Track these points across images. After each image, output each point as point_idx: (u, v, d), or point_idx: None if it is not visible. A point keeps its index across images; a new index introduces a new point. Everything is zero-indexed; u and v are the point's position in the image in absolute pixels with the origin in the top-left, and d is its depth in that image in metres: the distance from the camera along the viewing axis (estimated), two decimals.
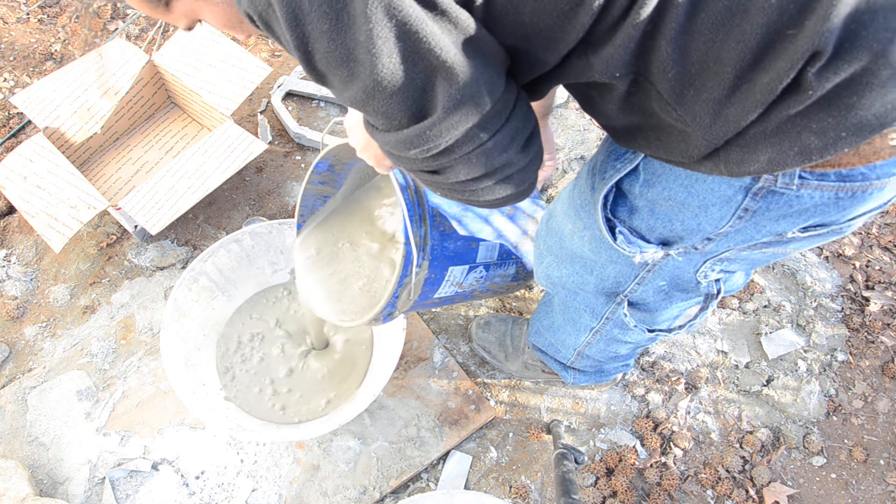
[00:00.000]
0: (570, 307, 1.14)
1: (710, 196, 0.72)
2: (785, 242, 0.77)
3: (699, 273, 0.89)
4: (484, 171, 0.66)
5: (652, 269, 0.91)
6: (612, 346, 1.19)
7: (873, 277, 1.69)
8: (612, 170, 0.80)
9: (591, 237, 0.91)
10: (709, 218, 0.75)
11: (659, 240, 0.83)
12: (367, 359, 1.52)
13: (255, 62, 1.79)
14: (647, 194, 0.78)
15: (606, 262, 0.94)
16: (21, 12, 2.30)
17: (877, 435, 1.51)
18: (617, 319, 1.08)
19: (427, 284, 1.10)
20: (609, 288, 1.00)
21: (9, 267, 1.79)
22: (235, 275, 1.58)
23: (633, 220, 0.83)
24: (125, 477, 1.46)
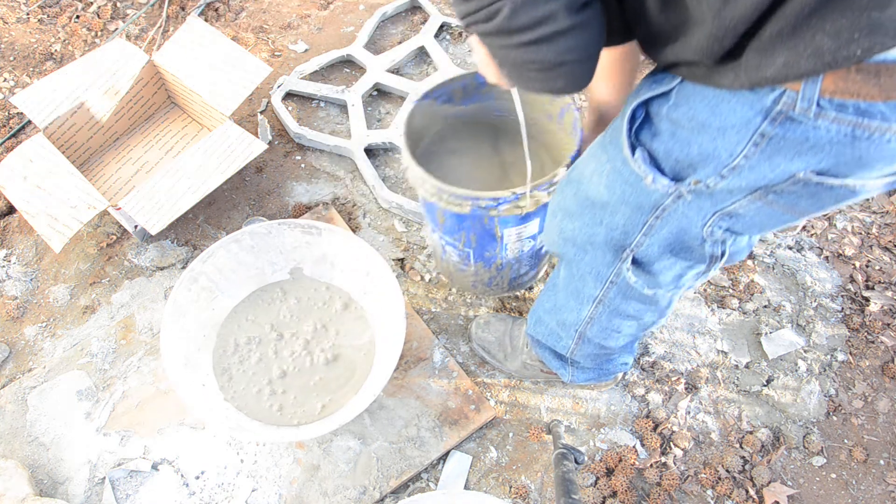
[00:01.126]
0: (575, 276, 1.14)
1: (731, 116, 0.73)
2: (796, 195, 0.77)
3: (706, 228, 0.89)
4: (525, 20, 0.70)
5: (660, 216, 0.91)
6: (614, 322, 1.18)
7: (873, 277, 1.69)
8: (646, 89, 0.81)
9: (611, 170, 0.91)
10: (726, 142, 0.75)
11: (673, 171, 0.84)
12: (367, 366, 1.52)
13: (255, 62, 1.79)
14: (673, 115, 0.79)
15: (618, 203, 0.93)
16: (21, 12, 2.30)
17: (877, 435, 1.51)
18: (621, 283, 1.07)
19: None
20: (617, 240, 1.00)
21: (9, 267, 1.79)
22: (235, 275, 1.58)
23: (654, 143, 0.83)
24: (125, 477, 1.46)
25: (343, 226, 1.77)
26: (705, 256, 0.96)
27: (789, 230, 1.75)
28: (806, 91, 0.66)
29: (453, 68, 2.03)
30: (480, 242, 1.41)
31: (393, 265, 1.75)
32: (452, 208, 1.28)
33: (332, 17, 2.28)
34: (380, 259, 1.49)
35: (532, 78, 0.79)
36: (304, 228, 1.56)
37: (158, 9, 2.31)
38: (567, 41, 0.72)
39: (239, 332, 1.57)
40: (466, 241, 1.41)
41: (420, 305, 1.69)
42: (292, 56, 2.18)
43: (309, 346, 1.55)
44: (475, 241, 1.40)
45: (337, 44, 2.19)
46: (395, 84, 2.02)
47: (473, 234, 1.38)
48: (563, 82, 0.79)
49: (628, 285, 1.06)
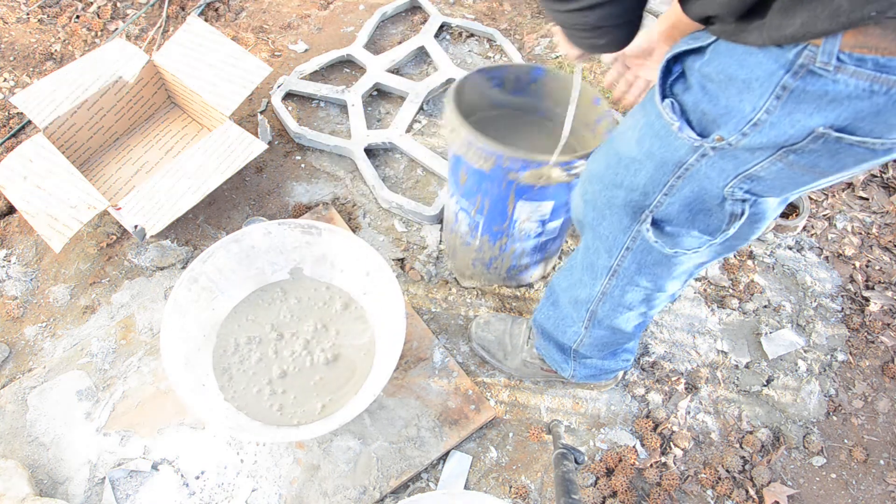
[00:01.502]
0: (591, 248, 1.16)
1: (757, 69, 0.76)
2: (816, 154, 0.79)
3: (727, 188, 0.91)
4: None
5: (682, 175, 0.94)
6: (627, 296, 1.18)
7: (873, 277, 1.69)
8: (683, 43, 0.87)
9: (644, 124, 0.96)
10: (750, 95, 0.78)
11: (700, 125, 0.87)
12: (367, 366, 1.52)
13: (255, 62, 1.79)
14: (705, 70, 0.83)
15: (644, 158, 0.97)
16: (21, 12, 2.30)
17: (877, 435, 1.51)
18: (637, 248, 1.09)
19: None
20: (636, 201, 1.02)
21: (9, 267, 1.79)
22: (235, 275, 1.58)
23: (685, 95, 0.87)
24: (125, 477, 1.46)
25: (343, 226, 1.77)
26: (725, 216, 0.98)
27: (789, 230, 1.75)
28: (826, 45, 0.69)
29: (453, 68, 2.03)
30: (492, 211, 1.43)
31: (393, 265, 1.75)
32: (476, 163, 1.31)
33: (332, 17, 2.28)
34: (380, 259, 1.49)
35: (582, 37, 0.90)
36: (304, 228, 1.56)
37: (158, 9, 2.31)
38: (605, 9, 0.82)
39: (239, 332, 1.57)
40: (480, 206, 1.43)
41: (420, 305, 1.69)
42: (292, 56, 2.18)
43: (309, 346, 1.55)
44: (488, 207, 1.42)
45: (337, 44, 2.19)
46: (395, 84, 2.02)
47: (488, 200, 1.40)
48: (605, 41, 0.90)
49: (646, 249, 1.08)
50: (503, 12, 2.25)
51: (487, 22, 2.22)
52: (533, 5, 2.27)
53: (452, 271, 1.72)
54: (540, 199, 1.37)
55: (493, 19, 2.23)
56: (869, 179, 1.84)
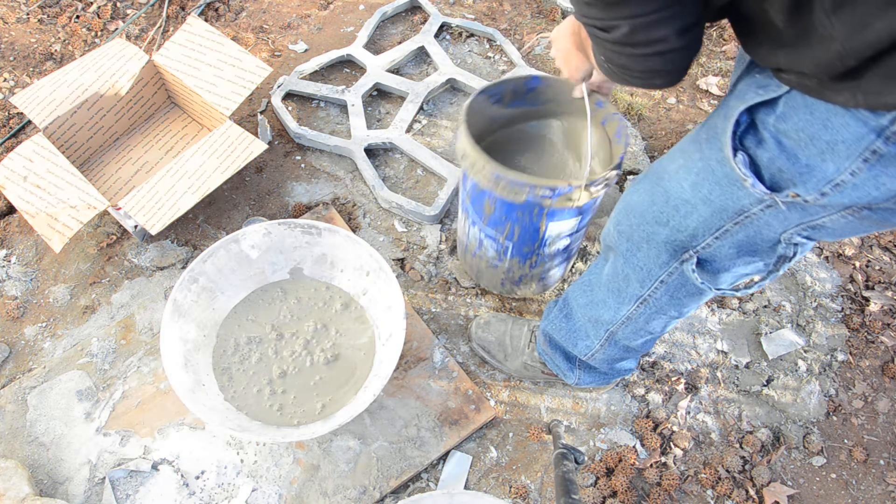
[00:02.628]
0: (620, 274, 1.13)
1: (843, 131, 0.72)
2: (892, 212, 0.77)
3: (785, 234, 0.89)
4: (641, 39, 0.75)
5: (741, 222, 0.91)
6: (652, 323, 1.17)
7: (873, 277, 1.69)
8: (753, 94, 0.82)
9: (703, 168, 0.92)
10: (835, 156, 0.74)
11: (772, 180, 0.83)
12: (367, 366, 1.52)
13: (255, 62, 1.79)
14: (780, 126, 0.79)
15: (700, 203, 0.93)
16: (21, 12, 2.30)
17: (877, 435, 1.51)
18: (673, 283, 1.06)
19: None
20: (681, 241, 0.99)
21: (9, 267, 1.79)
22: (235, 275, 1.58)
23: (759, 150, 0.83)
24: (125, 477, 1.46)
25: (343, 226, 1.77)
26: (774, 258, 0.95)
27: None
28: None
29: (453, 68, 2.03)
30: (522, 236, 1.43)
31: (393, 265, 1.75)
32: (508, 196, 1.30)
33: (332, 17, 2.28)
34: (380, 259, 1.49)
35: (633, 77, 0.85)
36: (304, 228, 1.56)
37: (158, 9, 2.31)
38: (673, 56, 0.79)
39: (239, 332, 1.57)
40: (510, 233, 1.43)
41: (420, 305, 1.69)
42: (292, 56, 2.18)
43: (309, 346, 1.55)
44: (518, 233, 1.42)
45: (337, 44, 2.19)
46: (395, 84, 2.02)
47: (518, 227, 1.40)
48: (661, 82, 0.85)
49: (682, 284, 1.06)
50: (503, 12, 2.25)
51: (487, 22, 2.22)
52: (533, 5, 2.27)
53: (453, 288, 1.72)
54: (570, 216, 1.38)
55: (493, 19, 2.23)
56: None
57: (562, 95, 1.46)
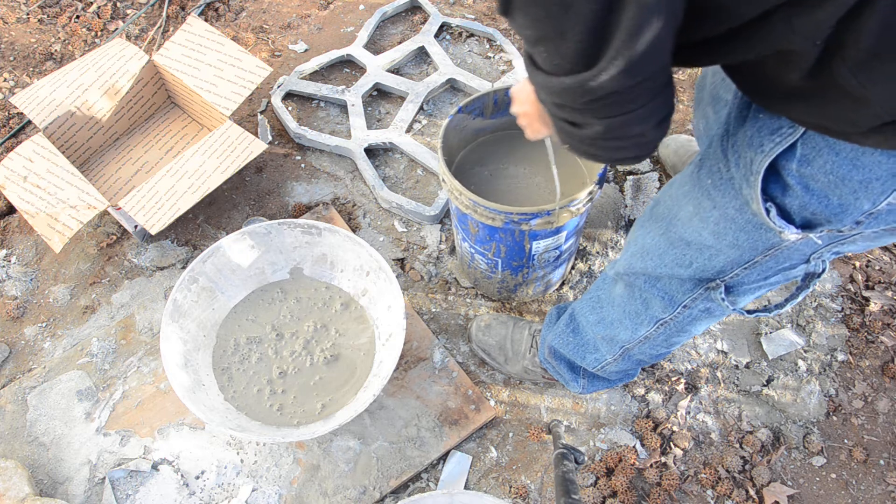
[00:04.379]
0: (638, 299, 1.10)
1: (877, 169, 0.69)
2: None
3: (814, 255, 0.86)
4: (616, 135, 0.70)
5: (771, 255, 0.88)
6: (671, 340, 1.14)
7: (873, 277, 1.69)
8: (768, 142, 0.76)
9: (721, 217, 0.88)
10: (869, 193, 0.71)
11: (804, 221, 0.80)
12: (367, 366, 1.52)
13: (255, 62, 1.79)
14: (804, 171, 0.75)
15: (726, 247, 0.90)
16: (21, 12, 2.30)
17: (877, 435, 1.51)
18: (697, 308, 1.03)
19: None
20: (707, 275, 0.96)
21: (9, 267, 1.79)
22: (235, 275, 1.58)
23: (786, 198, 0.79)
24: (125, 477, 1.46)
25: (343, 226, 1.77)
26: (801, 274, 0.93)
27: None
28: None
29: (453, 68, 2.03)
30: (509, 253, 1.45)
31: (393, 265, 1.75)
32: (486, 221, 1.32)
33: (332, 17, 2.28)
34: (380, 259, 1.49)
35: (599, 159, 0.79)
36: (304, 228, 1.56)
37: (158, 9, 2.31)
38: (649, 146, 0.74)
39: (239, 332, 1.57)
40: (496, 250, 1.45)
41: (420, 305, 1.69)
42: (292, 56, 2.18)
43: (309, 345, 1.55)
44: (504, 251, 1.44)
45: (337, 44, 2.19)
46: (395, 84, 2.02)
47: (503, 246, 1.42)
48: (631, 161, 0.79)
49: (708, 309, 1.03)
50: None
51: (487, 22, 2.22)
52: None
53: (453, 288, 1.73)
54: (555, 234, 1.38)
55: (493, 19, 2.23)
56: None
57: None
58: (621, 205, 1.80)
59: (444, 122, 1.41)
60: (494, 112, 1.49)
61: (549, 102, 0.70)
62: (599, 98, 0.63)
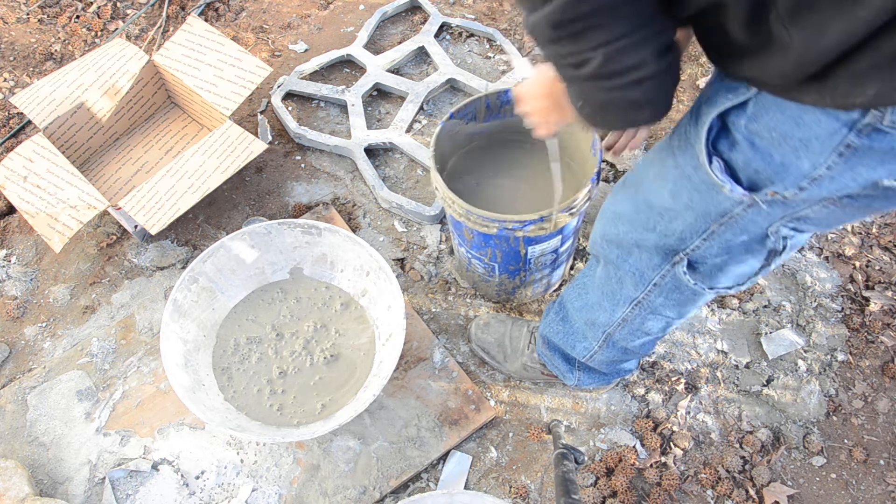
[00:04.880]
0: (613, 277, 1.13)
1: (816, 128, 0.72)
2: (871, 198, 0.77)
3: (771, 228, 0.89)
4: (617, 68, 0.73)
5: (726, 223, 0.90)
6: (647, 324, 1.17)
7: (873, 277, 1.69)
8: (723, 99, 0.80)
9: (679, 176, 0.91)
10: (809, 153, 0.74)
11: (749, 181, 0.83)
12: (367, 366, 1.52)
13: (255, 62, 1.79)
14: (752, 127, 0.78)
15: (682, 209, 0.93)
16: (21, 12, 2.30)
17: (877, 435, 1.51)
18: (666, 285, 1.06)
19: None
20: (670, 245, 0.99)
21: (9, 267, 1.79)
22: (235, 275, 1.58)
23: (732, 153, 0.82)
24: (125, 477, 1.46)
25: (343, 226, 1.77)
26: (765, 253, 0.96)
27: None
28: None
29: (453, 68, 2.03)
30: (505, 258, 1.45)
31: (393, 265, 1.75)
32: (480, 228, 1.33)
33: (332, 17, 2.28)
34: (380, 259, 1.49)
35: (617, 116, 0.82)
36: (304, 228, 1.56)
37: (158, 9, 2.31)
38: (653, 84, 0.76)
39: (239, 332, 1.57)
40: (492, 256, 1.45)
41: (420, 305, 1.69)
42: (292, 56, 2.18)
43: (309, 345, 1.55)
44: (500, 256, 1.45)
45: (337, 44, 2.19)
46: (395, 84, 2.02)
47: (499, 251, 1.43)
48: (646, 115, 0.82)
49: (676, 287, 1.06)
50: (503, 12, 2.25)
51: (487, 22, 2.22)
52: None
53: (452, 288, 1.73)
54: (549, 238, 1.39)
55: (493, 19, 2.23)
56: None
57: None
58: None
59: (436, 130, 1.41)
60: (487, 116, 1.49)
61: (547, 39, 0.73)
62: (573, 20, 0.69)
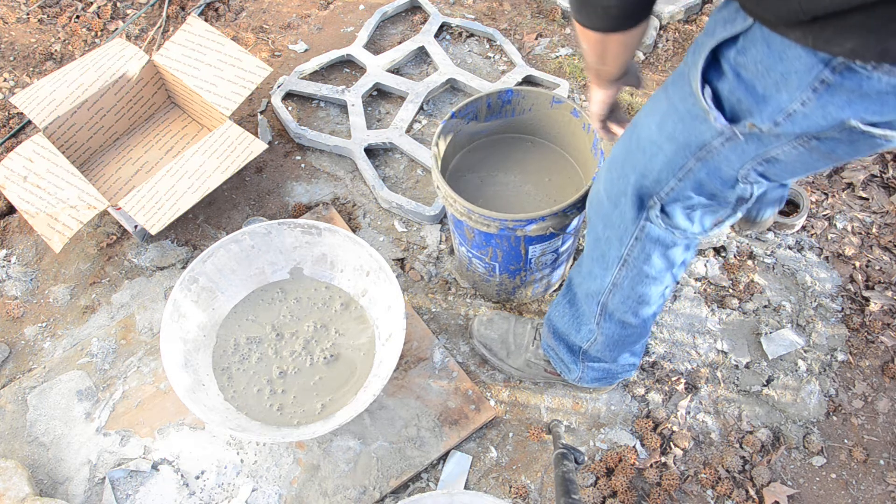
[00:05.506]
0: (602, 239, 1.17)
1: (796, 63, 0.78)
2: (837, 142, 0.83)
3: (742, 170, 0.94)
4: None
5: (702, 158, 0.96)
6: (637, 288, 1.20)
7: (873, 277, 1.69)
8: (720, 30, 0.86)
9: (667, 108, 0.97)
10: (787, 87, 0.80)
11: (732, 111, 0.89)
12: (367, 366, 1.52)
13: (255, 62, 1.79)
14: (739, 59, 0.84)
15: (665, 141, 0.98)
16: (21, 12, 2.30)
17: (877, 435, 1.51)
18: (645, 238, 1.10)
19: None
20: (647, 188, 1.04)
21: (9, 267, 1.79)
22: (235, 275, 1.58)
23: (719, 83, 0.89)
24: (125, 477, 1.46)
25: (343, 226, 1.77)
26: (733, 199, 1.01)
27: (788, 228, 1.75)
28: None
29: (453, 68, 2.03)
30: (506, 258, 1.45)
31: (393, 265, 1.75)
32: (481, 227, 1.33)
33: (332, 17, 2.28)
34: (380, 259, 1.49)
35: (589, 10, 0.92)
36: (304, 228, 1.56)
37: (158, 9, 2.31)
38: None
39: (239, 332, 1.57)
40: (493, 255, 1.46)
41: (420, 305, 1.69)
42: (292, 56, 2.18)
43: (309, 345, 1.55)
44: (501, 256, 1.45)
45: (337, 44, 2.19)
46: (395, 84, 2.02)
47: (500, 251, 1.43)
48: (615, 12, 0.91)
49: (652, 238, 1.10)
50: (503, 12, 2.25)
51: (487, 22, 2.22)
52: (533, 5, 2.27)
53: (453, 288, 1.73)
54: (550, 238, 1.39)
55: (493, 19, 2.23)
56: (869, 179, 1.84)
57: (540, 106, 1.48)
58: None
59: (438, 128, 1.41)
60: (489, 115, 1.49)
61: None
62: None
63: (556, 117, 1.48)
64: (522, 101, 1.47)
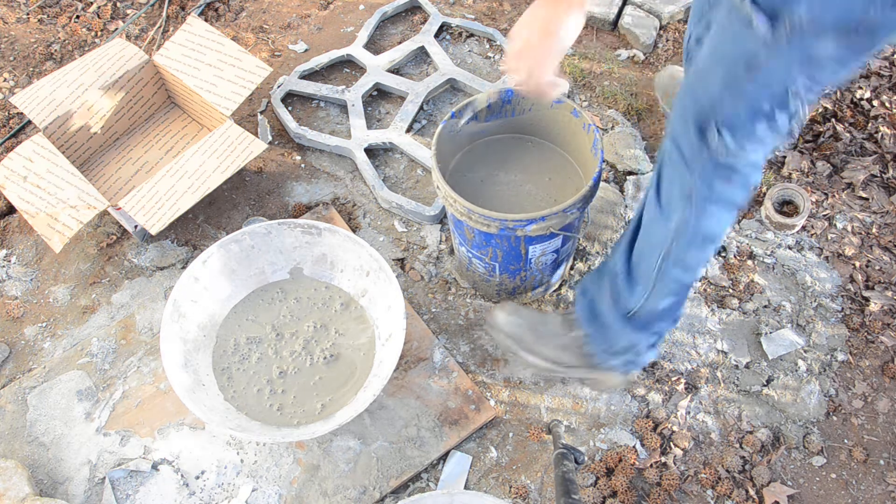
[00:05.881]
0: (675, 176, 1.17)
1: None
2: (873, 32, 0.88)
3: (789, 80, 0.97)
4: None
5: (751, 70, 0.99)
6: (703, 222, 1.19)
7: (873, 277, 1.69)
8: None
9: (717, 30, 1.04)
10: None
11: (772, 11, 0.91)
12: (367, 366, 1.52)
13: (255, 62, 1.79)
14: None
15: (716, 64, 1.03)
16: (21, 12, 2.30)
17: (877, 435, 1.51)
18: (706, 168, 1.11)
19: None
20: (706, 113, 1.06)
21: (9, 267, 1.79)
22: (235, 275, 1.58)
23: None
24: (125, 477, 1.46)
25: (343, 226, 1.78)
26: (786, 118, 1.04)
27: (788, 228, 1.75)
28: None
29: (453, 68, 2.03)
30: (506, 258, 1.45)
31: (393, 265, 1.75)
32: (481, 227, 1.33)
33: (332, 17, 2.28)
34: (380, 259, 1.49)
35: None
36: (304, 228, 1.56)
37: (158, 9, 2.31)
38: None
39: (239, 332, 1.57)
40: (493, 255, 1.46)
41: (420, 305, 1.69)
42: (292, 56, 2.18)
43: (309, 346, 1.55)
44: (501, 256, 1.45)
45: (337, 44, 2.19)
46: (395, 84, 2.02)
47: (500, 251, 1.43)
48: None
49: (715, 166, 1.11)
50: (503, 12, 2.25)
51: (487, 22, 2.22)
52: None
53: (453, 288, 1.73)
54: (550, 238, 1.39)
55: (493, 19, 2.23)
56: (869, 179, 1.84)
57: (540, 107, 1.48)
58: (621, 205, 1.80)
59: (438, 128, 1.41)
60: (489, 115, 1.49)
61: None
62: None
63: (556, 117, 1.48)
64: (522, 100, 1.47)
